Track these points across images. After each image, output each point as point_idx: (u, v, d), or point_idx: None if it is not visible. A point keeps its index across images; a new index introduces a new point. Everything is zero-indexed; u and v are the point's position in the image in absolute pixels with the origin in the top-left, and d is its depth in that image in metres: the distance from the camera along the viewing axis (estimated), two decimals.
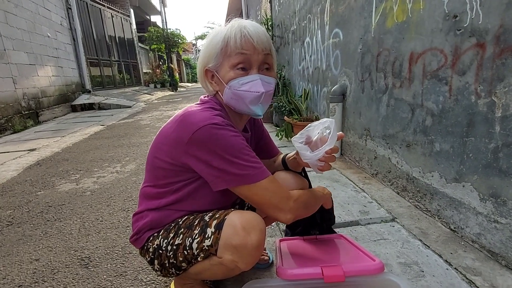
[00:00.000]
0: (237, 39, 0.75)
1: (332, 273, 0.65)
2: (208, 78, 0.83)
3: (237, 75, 0.77)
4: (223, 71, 0.78)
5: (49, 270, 1.21)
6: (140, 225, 0.85)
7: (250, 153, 0.74)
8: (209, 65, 0.80)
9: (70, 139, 3.87)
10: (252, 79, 0.77)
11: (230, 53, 0.76)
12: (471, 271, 1.06)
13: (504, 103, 1.05)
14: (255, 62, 0.77)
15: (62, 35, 6.68)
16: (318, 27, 2.86)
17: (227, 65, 0.77)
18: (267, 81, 0.80)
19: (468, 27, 1.18)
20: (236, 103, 0.80)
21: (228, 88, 0.78)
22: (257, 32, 0.77)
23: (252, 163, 0.73)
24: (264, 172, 0.74)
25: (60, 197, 1.97)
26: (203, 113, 0.75)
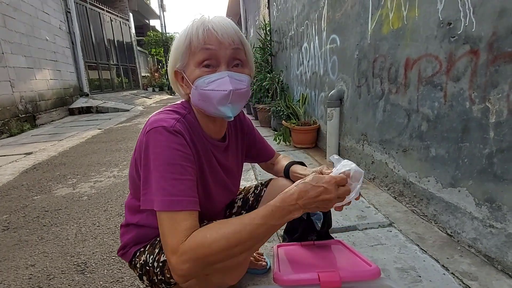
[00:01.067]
0: (200, 33, 0.68)
1: (328, 279, 0.65)
2: (179, 80, 0.76)
3: (203, 73, 0.70)
4: (189, 71, 0.72)
5: (44, 276, 1.20)
6: (126, 240, 0.84)
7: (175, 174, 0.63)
8: (177, 66, 0.73)
9: (67, 143, 3.85)
10: (219, 77, 0.69)
11: (194, 50, 0.69)
12: (467, 276, 1.06)
13: (497, 109, 1.07)
14: (222, 58, 0.70)
15: (61, 38, 6.69)
16: (315, 33, 2.89)
17: (193, 63, 0.70)
18: (237, 78, 0.71)
19: (462, 34, 1.20)
20: (204, 105, 0.73)
21: (195, 88, 0.71)
22: (222, 24, 0.69)
23: (168, 185, 0.62)
24: (169, 204, 0.61)
25: (57, 202, 1.96)
26: (160, 115, 0.71)
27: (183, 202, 0.62)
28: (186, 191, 0.63)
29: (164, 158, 0.64)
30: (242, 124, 0.97)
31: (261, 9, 5.99)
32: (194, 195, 0.65)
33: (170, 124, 0.67)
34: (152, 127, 0.66)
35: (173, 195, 0.62)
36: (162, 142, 0.65)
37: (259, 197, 1.02)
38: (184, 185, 0.63)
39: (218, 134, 0.84)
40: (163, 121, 0.67)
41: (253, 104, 4.63)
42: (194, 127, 0.75)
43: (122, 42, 10.90)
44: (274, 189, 0.99)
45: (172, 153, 0.64)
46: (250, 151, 1.02)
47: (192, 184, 0.66)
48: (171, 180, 0.63)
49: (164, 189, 0.62)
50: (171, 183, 0.62)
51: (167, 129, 0.66)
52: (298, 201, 0.60)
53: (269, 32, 4.95)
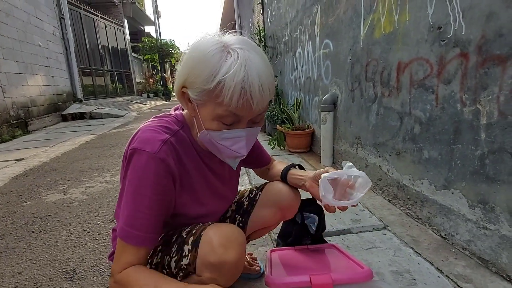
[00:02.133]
0: (234, 97, 0.57)
1: (320, 281, 0.64)
2: (185, 99, 0.67)
3: (220, 128, 0.64)
4: (205, 113, 0.64)
5: (31, 284, 1.16)
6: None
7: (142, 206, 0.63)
8: (189, 92, 0.64)
9: (59, 149, 3.80)
10: (236, 136, 0.65)
11: (220, 104, 0.60)
12: (462, 278, 1.06)
13: (488, 111, 1.08)
14: (246, 119, 0.65)
15: (54, 44, 6.65)
16: (309, 38, 2.92)
17: (212, 112, 0.62)
18: (253, 134, 0.69)
19: (452, 37, 1.21)
20: (210, 148, 0.71)
21: (207, 134, 0.66)
22: (262, 92, 0.59)
23: (132, 215, 0.63)
24: (125, 235, 0.64)
25: (47, 208, 1.92)
26: (149, 133, 0.67)
27: (138, 238, 0.64)
28: (146, 227, 0.64)
29: (137, 187, 0.63)
30: None
31: (255, 15, 6.05)
32: (154, 231, 0.66)
33: (155, 149, 0.64)
34: (137, 148, 0.64)
35: (132, 227, 0.63)
36: (140, 169, 0.63)
37: (254, 201, 1.00)
38: (148, 220, 0.64)
39: None
40: (149, 144, 0.64)
41: None
42: (185, 144, 0.73)
43: (116, 48, 10.89)
44: (269, 192, 0.98)
45: (146, 185, 0.63)
46: (247, 158, 1.00)
47: (157, 220, 0.66)
48: (136, 212, 0.64)
49: (128, 219, 0.64)
50: (135, 215, 0.64)
51: (150, 155, 0.63)
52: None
53: (263, 38, 4.99)
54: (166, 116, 0.75)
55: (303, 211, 1.12)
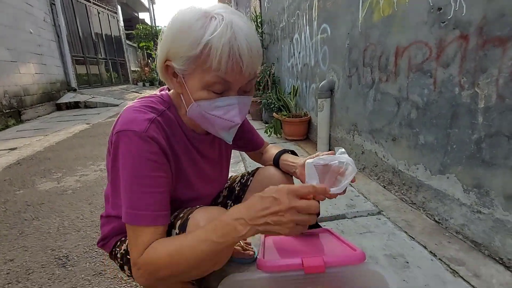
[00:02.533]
0: (223, 59, 0.55)
1: (312, 264, 0.63)
2: (169, 74, 0.64)
3: (211, 97, 0.61)
4: (192, 84, 0.61)
5: (23, 271, 1.16)
6: (106, 231, 0.80)
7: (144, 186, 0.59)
8: (173, 64, 0.60)
9: (54, 138, 3.75)
10: (228, 103, 0.62)
11: (208, 70, 0.57)
12: (455, 261, 1.06)
13: (486, 94, 1.06)
14: (236, 86, 0.62)
15: (46, 31, 6.48)
16: (306, 23, 2.85)
17: (200, 80, 0.59)
18: (245, 103, 0.66)
19: (452, 19, 1.18)
20: (201, 122, 0.67)
21: (197, 106, 0.62)
22: (250, 53, 0.57)
23: (135, 198, 0.59)
24: (133, 218, 0.59)
25: (40, 196, 1.90)
26: (133, 113, 0.62)
27: (147, 218, 0.59)
28: (153, 205, 0.60)
29: (133, 168, 0.59)
30: None
31: (252, 1, 5.91)
32: (163, 208, 0.62)
33: (142, 128, 0.60)
34: (123, 129, 0.60)
35: (138, 209, 0.59)
36: (132, 150, 0.59)
37: (245, 187, 0.99)
38: (152, 198, 0.60)
39: (203, 130, 0.78)
40: (135, 124, 0.60)
41: None
42: (172, 125, 0.69)
43: (110, 36, 10.65)
44: (261, 178, 0.96)
45: (142, 164, 0.59)
46: (239, 140, 0.98)
47: (162, 196, 0.62)
48: (139, 193, 0.59)
49: (131, 201, 0.59)
50: (138, 196, 0.59)
51: (138, 135, 0.59)
52: (243, 216, 0.52)
53: (260, 24, 4.89)
54: (151, 97, 0.71)
55: None
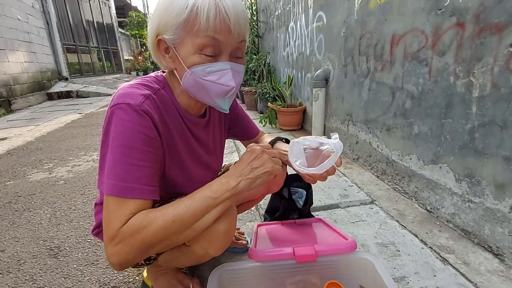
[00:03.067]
0: (211, 16, 0.57)
1: (303, 253, 0.63)
2: (161, 50, 0.66)
3: (203, 61, 0.61)
4: (184, 51, 0.62)
5: (15, 261, 1.14)
6: (100, 218, 0.78)
7: (133, 158, 0.58)
8: (165, 37, 0.62)
9: (45, 128, 3.68)
10: (221, 68, 0.63)
11: (197, 32, 0.59)
12: (445, 249, 1.07)
13: (481, 83, 1.05)
14: (227, 49, 0.63)
15: (35, 18, 6.29)
16: (302, 10, 2.80)
17: (191, 45, 0.60)
18: (238, 70, 0.66)
19: (449, 6, 1.16)
20: (197, 92, 0.67)
21: (190, 73, 0.63)
22: (236, 11, 0.59)
23: (123, 170, 0.57)
24: (120, 189, 0.57)
25: (31, 187, 1.87)
26: (128, 89, 0.63)
27: (136, 190, 0.57)
28: (141, 178, 0.58)
29: (124, 140, 0.58)
30: None
31: None
32: (151, 183, 0.61)
33: (137, 102, 0.60)
34: (118, 103, 0.60)
35: (126, 181, 0.57)
36: (124, 122, 0.58)
37: None
38: (141, 172, 0.59)
39: (198, 111, 0.78)
40: (130, 97, 0.60)
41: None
42: (167, 104, 0.69)
43: (102, 23, 10.39)
44: None
45: (133, 136, 0.58)
46: (234, 129, 0.98)
47: (151, 171, 0.61)
48: (128, 165, 0.57)
49: (118, 174, 0.57)
50: (126, 168, 0.57)
51: (133, 108, 0.59)
52: (233, 173, 0.63)
53: (256, 12, 4.79)
54: (146, 77, 0.71)
55: (291, 186, 1.11)
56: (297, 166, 0.69)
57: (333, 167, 0.67)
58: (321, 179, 0.70)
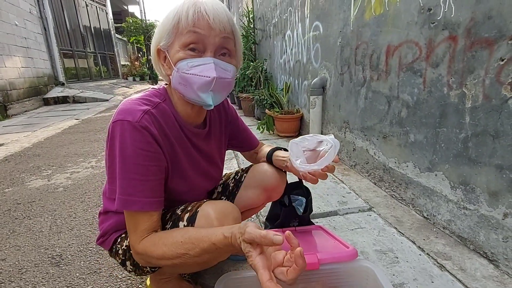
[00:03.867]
0: (190, 14, 0.63)
1: (306, 261, 0.65)
2: (161, 59, 0.72)
3: (187, 56, 0.66)
4: (173, 51, 0.67)
5: (16, 270, 1.15)
6: (105, 227, 0.81)
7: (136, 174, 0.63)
8: (161, 44, 0.69)
9: (42, 134, 3.67)
10: (203, 62, 0.66)
11: (182, 31, 0.65)
12: (442, 255, 1.10)
13: (473, 94, 1.09)
14: (210, 44, 0.66)
15: (32, 23, 6.29)
16: (298, 20, 2.85)
17: (178, 44, 0.66)
18: (222, 67, 0.68)
19: (441, 20, 1.21)
20: (184, 89, 0.69)
21: (176, 70, 0.67)
22: (215, 9, 0.65)
23: (128, 185, 0.63)
24: (125, 203, 0.63)
25: (30, 194, 1.87)
26: (129, 105, 0.67)
27: (138, 203, 0.64)
28: (144, 192, 0.64)
29: (127, 157, 0.63)
30: (226, 112, 0.95)
31: None
32: (155, 195, 0.66)
33: (136, 118, 0.64)
34: (118, 119, 0.64)
35: (130, 195, 0.63)
36: (126, 139, 0.63)
37: (240, 183, 1.00)
38: (143, 186, 0.64)
39: (197, 120, 0.81)
40: (130, 114, 0.64)
41: (236, 93, 4.58)
42: (167, 116, 0.72)
43: (99, 29, 10.41)
44: (255, 174, 0.98)
45: (135, 153, 0.63)
46: (234, 140, 1.01)
47: (154, 184, 0.66)
48: (131, 181, 0.64)
49: (123, 187, 0.64)
50: (129, 183, 0.63)
51: (132, 125, 0.63)
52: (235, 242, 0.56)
53: (253, 20, 4.86)
54: (148, 90, 0.75)
55: (291, 193, 1.13)
56: (298, 164, 0.72)
57: (333, 165, 0.71)
58: (322, 176, 0.73)
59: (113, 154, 0.65)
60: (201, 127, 0.83)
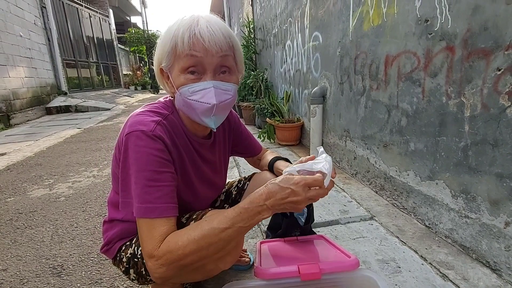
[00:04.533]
0: (185, 39, 0.64)
1: (308, 271, 0.65)
2: (164, 78, 0.74)
3: (187, 81, 0.67)
4: (174, 75, 0.69)
5: (17, 280, 1.14)
6: (110, 235, 0.82)
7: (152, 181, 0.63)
8: (162, 65, 0.70)
9: (44, 143, 3.69)
10: (203, 87, 0.67)
11: (179, 55, 0.66)
12: (444, 265, 1.10)
13: (472, 104, 1.11)
14: (208, 65, 0.67)
15: (36, 35, 6.40)
16: (298, 30, 2.90)
17: (177, 67, 0.68)
18: (222, 88, 0.69)
19: (438, 31, 1.23)
20: (188, 112, 0.72)
21: (179, 94, 0.69)
22: (210, 30, 0.65)
23: (144, 193, 0.63)
24: (145, 211, 0.62)
25: (32, 204, 1.87)
26: (140, 116, 0.68)
27: (157, 210, 0.63)
28: (161, 198, 0.64)
29: (142, 165, 0.63)
30: (229, 120, 0.97)
31: (244, 7, 5.96)
32: (171, 201, 0.66)
33: (150, 128, 0.65)
34: (132, 131, 0.65)
35: (148, 202, 0.62)
36: (140, 147, 0.64)
37: (242, 191, 1.02)
38: (160, 192, 0.64)
39: (204, 132, 0.84)
40: (143, 125, 0.66)
41: (237, 102, 4.62)
42: (176, 128, 0.74)
43: (102, 39, 10.57)
44: (257, 182, 0.99)
45: (150, 160, 0.64)
46: (237, 146, 1.03)
47: (169, 190, 0.66)
48: (148, 188, 0.63)
49: (140, 196, 0.63)
50: (147, 190, 0.63)
51: (146, 134, 0.64)
52: (266, 202, 0.60)
53: (253, 30, 4.94)
54: (155, 103, 0.77)
55: None
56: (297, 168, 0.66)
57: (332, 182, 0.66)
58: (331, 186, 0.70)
59: (127, 165, 0.65)
60: (206, 137, 0.85)
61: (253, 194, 0.62)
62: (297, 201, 0.59)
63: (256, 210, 0.60)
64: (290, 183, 0.60)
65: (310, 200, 0.61)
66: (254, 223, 0.62)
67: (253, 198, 0.61)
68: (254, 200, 0.61)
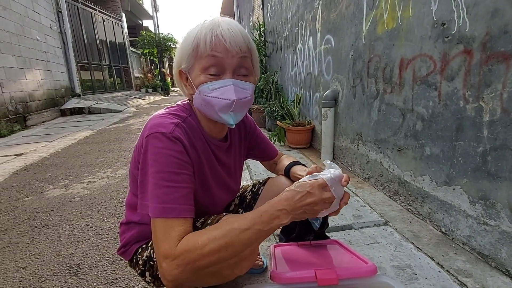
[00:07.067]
0: (207, 39, 0.67)
1: (325, 276, 0.65)
2: (183, 80, 0.76)
3: (207, 79, 0.69)
4: (194, 75, 0.71)
5: (36, 278, 1.17)
6: (127, 237, 0.83)
7: (171, 182, 0.64)
8: (182, 67, 0.72)
9: (59, 144, 3.79)
10: (223, 84, 0.69)
11: (201, 55, 0.68)
12: (462, 273, 1.07)
13: (491, 108, 1.08)
14: (229, 66, 0.69)
15: (52, 38, 6.59)
16: (310, 33, 2.90)
17: (198, 68, 0.70)
18: (241, 87, 0.71)
19: (455, 34, 1.21)
20: (206, 110, 0.73)
21: (198, 93, 0.71)
22: (231, 32, 0.68)
23: (163, 193, 0.63)
24: (162, 211, 0.62)
25: (48, 203, 1.92)
26: (159, 119, 0.70)
27: (175, 210, 0.63)
28: (179, 199, 0.64)
29: (161, 165, 0.64)
30: (245, 124, 0.98)
31: (255, 10, 6.00)
32: (188, 202, 0.66)
33: (169, 130, 0.67)
34: (151, 132, 0.66)
35: (166, 202, 0.62)
36: (160, 149, 0.65)
37: (257, 196, 1.02)
38: (178, 192, 0.64)
39: (220, 134, 0.84)
40: (162, 127, 0.67)
41: None
42: (194, 130, 0.75)
43: (114, 43, 10.79)
44: (272, 187, 0.99)
45: (169, 161, 0.64)
46: (254, 150, 1.03)
47: (187, 191, 0.66)
48: (166, 188, 0.63)
49: (159, 196, 0.63)
50: (165, 191, 0.63)
51: (166, 135, 0.66)
52: (285, 207, 0.61)
53: (263, 33, 4.95)
54: (174, 106, 0.79)
55: None
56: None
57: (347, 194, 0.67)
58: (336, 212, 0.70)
59: (146, 166, 0.66)
60: (223, 140, 0.86)
61: (272, 200, 0.63)
62: (314, 202, 0.61)
63: (275, 214, 0.61)
64: (305, 186, 0.63)
65: (325, 203, 0.63)
66: (273, 228, 0.61)
67: (272, 202, 0.63)
68: (274, 204, 0.62)
